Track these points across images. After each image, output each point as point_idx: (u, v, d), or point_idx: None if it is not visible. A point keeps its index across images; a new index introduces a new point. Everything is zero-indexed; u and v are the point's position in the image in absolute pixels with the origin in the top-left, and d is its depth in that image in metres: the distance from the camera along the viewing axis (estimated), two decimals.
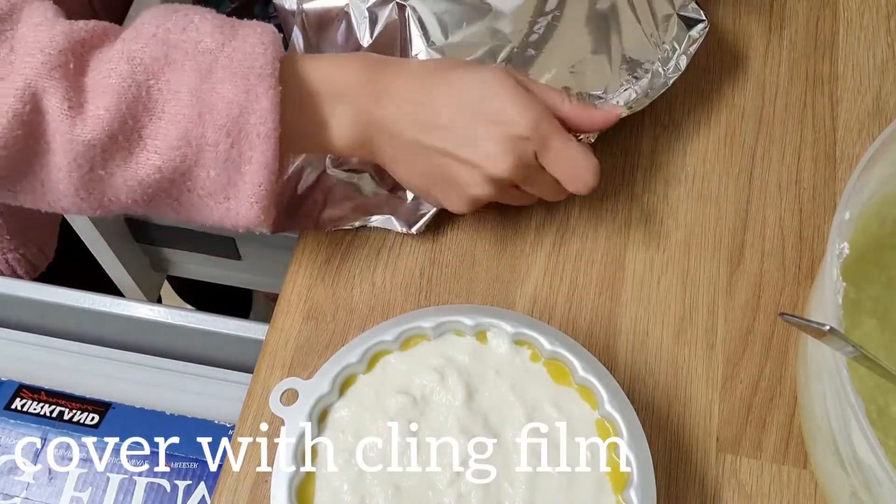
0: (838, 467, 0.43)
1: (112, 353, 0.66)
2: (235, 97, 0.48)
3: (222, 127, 0.48)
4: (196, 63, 0.48)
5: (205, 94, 0.48)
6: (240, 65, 0.48)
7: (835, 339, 0.39)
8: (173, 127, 0.48)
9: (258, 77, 0.48)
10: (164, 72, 0.48)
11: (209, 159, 0.49)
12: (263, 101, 0.48)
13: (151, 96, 0.48)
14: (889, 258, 0.52)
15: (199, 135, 0.48)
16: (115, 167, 0.49)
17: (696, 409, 0.53)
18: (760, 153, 0.61)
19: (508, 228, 0.58)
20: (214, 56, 0.48)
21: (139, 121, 0.48)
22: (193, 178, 0.49)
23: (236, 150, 0.48)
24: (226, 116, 0.48)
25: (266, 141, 0.48)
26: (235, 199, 0.50)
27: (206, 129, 0.48)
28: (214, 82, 0.48)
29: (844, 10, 0.66)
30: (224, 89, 0.48)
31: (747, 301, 0.56)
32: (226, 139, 0.48)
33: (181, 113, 0.48)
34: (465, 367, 0.49)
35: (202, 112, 0.48)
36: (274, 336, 0.55)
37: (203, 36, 0.49)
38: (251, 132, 0.48)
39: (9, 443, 0.61)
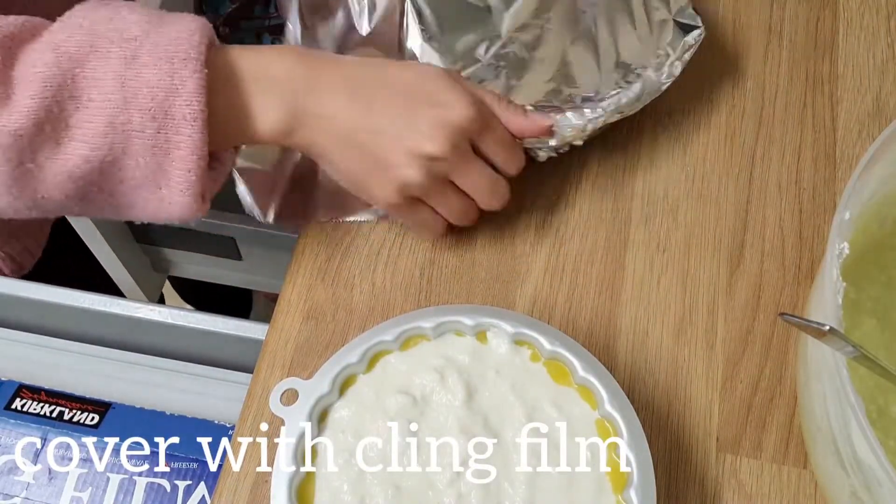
0: (838, 467, 0.43)
1: (112, 353, 0.66)
2: (160, 81, 0.47)
3: (148, 111, 0.47)
4: (121, 49, 0.48)
5: (129, 80, 0.47)
6: (164, 50, 0.48)
7: (835, 339, 0.39)
8: (99, 114, 0.47)
9: (183, 61, 0.48)
10: (89, 59, 0.47)
11: (137, 146, 0.48)
12: (189, 84, 0.47)
13: (77, 84, 0.47)
14: (889, 258, 0.52)
15: (125, 120, 0.47)
16: (45, 159, 0.48)
17: (696, 409, 0.53)
18: (760, 153, 0.61)
19: (508, 228, 0.58)
20: (140, 42, 0.48)
21: (65, 109, 0.47)
22: (123, 168, 0.49)
23: (163, 136, 0.48)
24: (151, 100, 0.47)
25: (193, 124, 0.48)
26: (167, 187, 0.49)
27: (131, 114, 0.47)
28: (139, 67, 0.47)
29: (844, 11, 0.66)
30: (149, 73, 0.47)
31: (747, 301, 0.56)
32: (152, 123, 0.48)
33: (106, 99, 0.47)
34: (465, 367, 0.49)
35: (127, 97, 0.47)
36: (274, 336, 0.55)
37: (129, 24, 0.48)
38: (177, 115, 0.48)
39: (9, 443, 0.61)
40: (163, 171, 0.49)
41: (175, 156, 0.48)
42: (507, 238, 0.58)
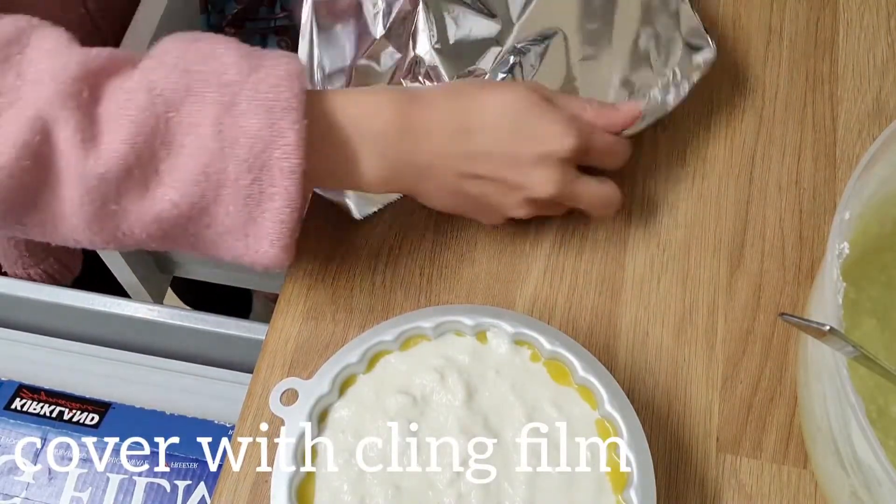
0: (838, 467, 0.43)
1: (112, 353, 0.66)
2: (259, 131, 0.46)
3: (244, 162, 0.46)
4: (219, 95, 0.46)
5: (227, 128, 0.46)
6: (264, 97, 0.46)
7: (835, 339, 0.39)
8: (192, 161, 0.46)
9: (283, 110, 0.46)
10: (184, 103, 0.46)
11: (229, 196, 0.46)
12: (289, 136, 0.46)
13: (170, 129, 0.46)
14: (889, 258, 0.52)
15: (219, 170, 0.46)
16: (130, 203, 0.46)
17: (696, 409, 0.53)
18: (760, 153, 0.61)
19: (508, 228, 0.58)
20: (238, 88, 0.46)
21: (156, 155, 0.46)
22: (212, 215, 0.47)
23: (258, 187, 0.46)
24: (248, 151, 0.46)
25: (290, 177, 0.46)
26: (255, 237, 0.48)
27: (227, 163, 0.46)
28: (237, 115, 0.46)
29: (844, 11, 0.66)
30: (247, 123, 0.46)
31: (747, 301, 0.56)
32: (247, 175, 0.46)
33: (202, 146, 0.46)
34: (465, 367, 0.49)
35: (224, 146, 0.46)
36: (274, 336, 0.55)
37: (227, 67, 0.47)
38: (274, 168, 0.46)
39: (9, 443, 0.61)
40: (252, 221, 0.47)
41: (267, 207, 0.47)
42: (507, 238, 0.58)
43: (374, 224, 0.59)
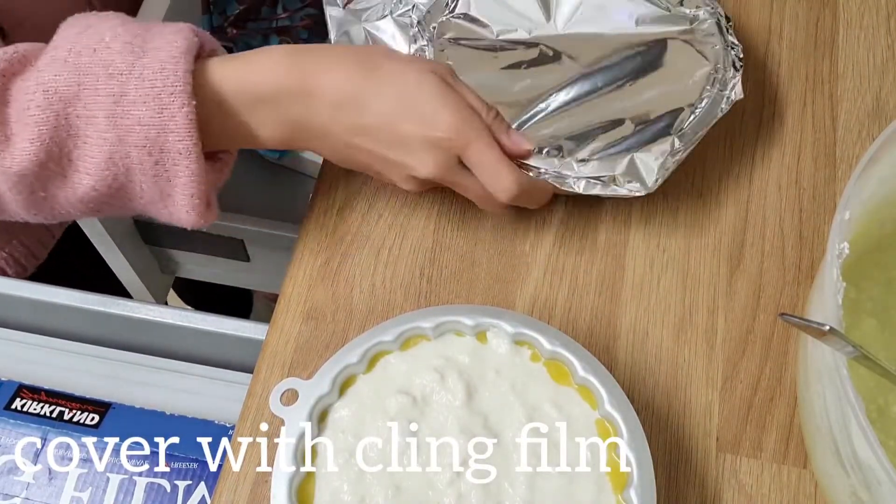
0: (838, 467, 0.43)
1: (112, 353, 0.66)
2: (150, 119, 0.48)
3: (143, 147, 0.48)
4: (108, 87, 0.48)
5: (120, 118, 0.48)
6: (151, 85, 0.48)
7: (835, 339, 0.39)
8: (97, 150, 0.48)
9: (171, 95, 0.48)
10: (79, 98, 0.48)
11: (138, 177, 0.49)
12: (179, 119, 0.48)
13: (71, 123, 0.48)
14: (889, 258, 0.52)
15: (123, 155, 0.48)
16: (55, 189, 0.50)
17: (696, 409, 0.53)
18: (760, 153, 0.61)
19: (508, 228, 0.58)
20: (125, 78, 0.48)
21: (65, 146, 0.48)
22: (129, 192, 0.50)
23: (162, 167, 0.49)
24: (144, 138, 0.48)
25: (188, 157, 0.48)
26: (173, 206, 0.51)
27: (128, 150, 0.48)
28: (128, 105, 0.48)
29: (844, 11, 0.66)
30: (138, 112, 0.48)
31: (747, 301, 0.56)
32: (149, 158, 0.48)
33: (102, 137, 0.48)
34: (465, 368, 0.49)
35: (120, 135, 0.48)
36: (274, 336, 0.55)
37: (113, 56, 0.48)
38: (171, 150, 0.48)
39: (9, 443, 0.61)
40: (167, 195, 0.50)
41: (175, 183, 0.50)
42: (507, 238, 0.58)
43: (374, 224, 0.59)
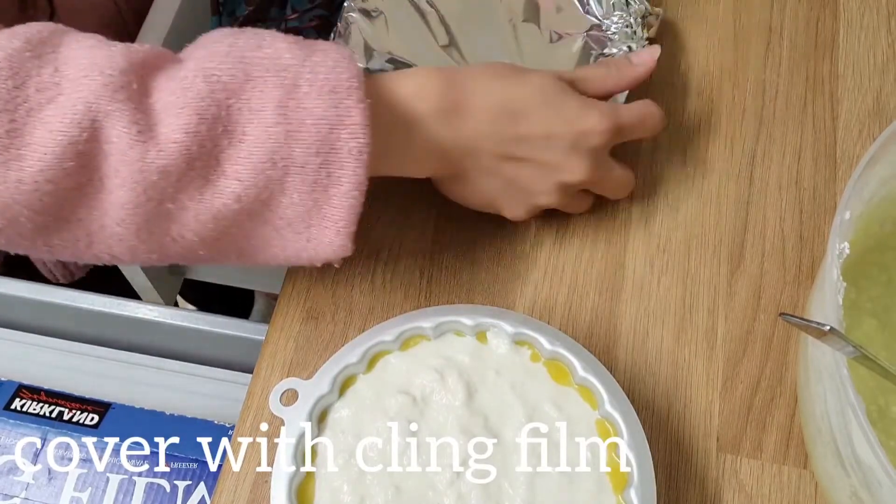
0: (839, 467, 0.43)
1: (112, 353, 0.66)
2: (325, 112, 0.44)
3: (311, 145, 0.44)
4: (279, 79, 0.44)
5: (291, 111, 0.44)
6: (325, 79, 0.44)
7: (835, 339, 0.39)
8: (257, 149, 0.43)
9: (347, 90, 0.44)
10: (244, 90, 0.44)
11: (295, 183, 0.44)
12: (355, 116, 0.44)
13: (231, 117, 0.43)
14: (889, 258, 0.52)
15: (285, 155, 0.44)
16: (188, 199, 0.44)
17: (696, 409, 0.53)
18: (760, 153, 0.61)
19: (508, 228, 0.58)
20: (297, 71, 0.44)
21: (218, 144, 0.43)
22: (274, 207, 0.45)
23: (325, 171, 0.44)
24: (315, 133, 0.44)
25: (358, 158, 0.44)
26: (318, 226, 0.46)
27: (293, 148, 0.44)
28: (300, 98, 0.44)
29: (844, 11, 0.66)
30: (312, 104, 0.44)
31: (747, 301, 0.56)
32: (315, 158, 0.44)
33: (266, 133, 0.43)
34: (465, 367, 0.49)
35: (289, 130, 0.44)
36: (274, 336, 0.55)
37: (280, 52, 0.45)
38: (342, 149, 0.44)
39: (9, 443, 0.61)
40: (318, 209, 0.45)
41: (334, 192, 0.45)
42: (507, 238, 0.58)
43: (373, 224, 0.59)
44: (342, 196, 0.45)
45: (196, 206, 0.44)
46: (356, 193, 0.45)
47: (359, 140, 0.44)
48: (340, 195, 0.45)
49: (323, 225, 0.46)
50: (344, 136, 0.44)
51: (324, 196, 0.45)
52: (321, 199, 0.45)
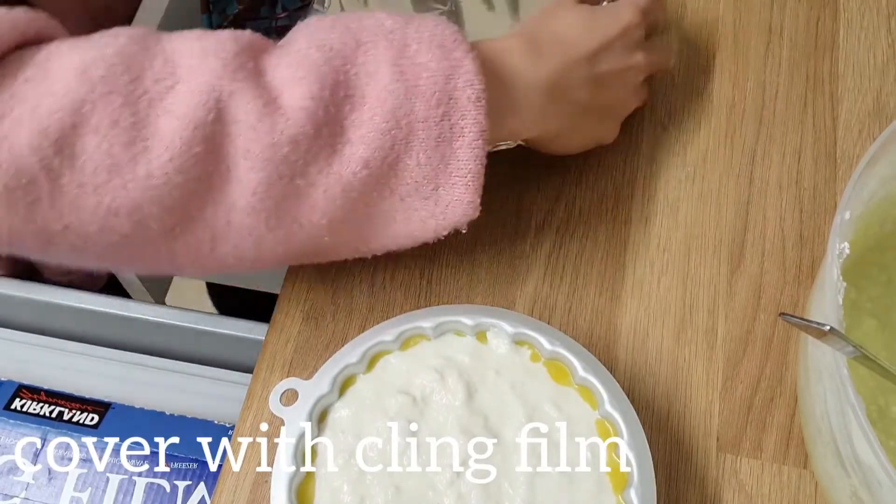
0: (839, 467, 0.43)
1: (112, 353, 0.66)
2: (438, 65, 0.45)
3: (431, 97, 0.44)
4: (387, 41, 0.45)
5: (406, 68, 0.44)
6: (431, 35, 0.45)
7: (835, 339, 0.39)
8: (379, 109, 0.44)
9: (454, 43, 0.45)
10: (357, 55, 0.44)
11: (420, 138, 0.45)
12: (467, 65, 0.45)
13: (350, 82, 0.44)
14: (889, 258, 0.52)
15: (407, 111, 0.44)
16: (317, 172, 0.44)
17: (696, 409, 0.53)
18: (760, 153, 0.61)
19: (508, 228, 0.58)
20: (403, 31, 0.45)
21: (341, 110, 0.44)
22: (400, 171, 0.45)
23: (447, 123, 0.45)
24: (433, 85, 0.44)
25: (477, 105, 0.45)
26: (446, 184, 0.46)
27: (414, 103, 0.44)
28: (412, 55, 0.45)
29: (844, 10, 0.66)
30: (424, 59, 0.45)
31: (748, 301, 0.56)
32: (436, 110, 0.44)
33: (385, 92, 0.44)
34: (465, 367, 0.49)
35: (407, 86, 0.44)
36: (274, 336, 0.55)
37: (382, 20, 0.46)
38: (461, 98, 0.45)
39: (8, 443, 0.61)
40: (444, 164, 0.45)
41: (458, 144, 0.45)
42: (507, 238, 0.58)
43: None
44: (467, 147, 0.45)
45: (325, 179, 0.44)
46: (480, 142, 0.45)
47: (475, 87, 0.45)
48: (465, 146, 0.45)
49: (450, 182, 0.46)
50: (460, 85, 0.45)
51: (449, 149, 0.45)
52: (447, 153, 0.45)
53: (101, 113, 0.40)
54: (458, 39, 0.46)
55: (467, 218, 0.47)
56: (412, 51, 0.45)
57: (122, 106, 0.41)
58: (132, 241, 0.43)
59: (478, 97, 0.45)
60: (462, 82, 0.45)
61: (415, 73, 0.44)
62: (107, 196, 0.41)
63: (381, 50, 0.45)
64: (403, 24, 0.46)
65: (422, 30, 0.46)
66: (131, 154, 0.41)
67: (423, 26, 0.46)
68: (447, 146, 0.45)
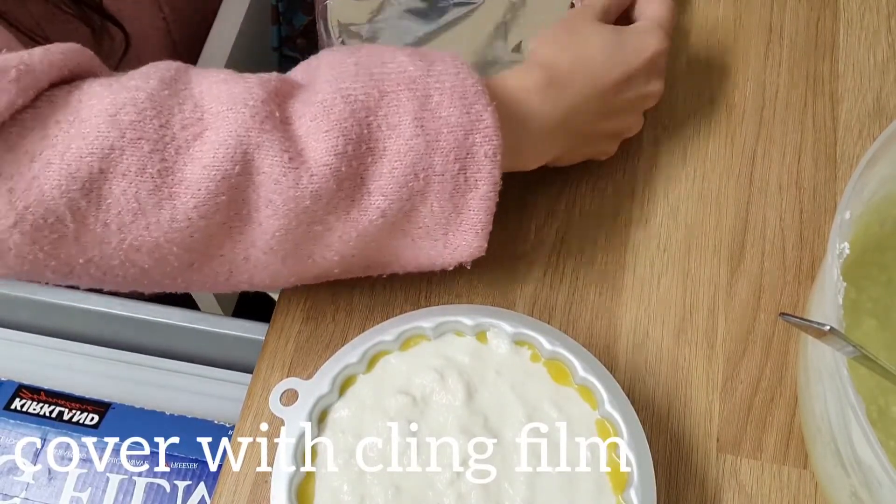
0: (838, 467, 0.43)
1: (112, 353, 0.66)
2: (458, 119, 0.45)
3: (450, 152, 0.45)
4: (410, 92, 0.45)
5: (427, 122, 0.45)
6: (453, 87, 0.45)
7: (835, 339, 0.39)
8: (399, 163, 0.44)
9: (475, 95, 0.45)
10: (380, 106, 0.44)
11: (435, 192, 0.45)
12: (486, 119, 0.45)
13: (372, 134, 0.44)
14: (889, 258, 0.52)
15: (426, 166, 0.45)
16: (336, 220, 0.45)
17: (696, 409, 0.53)
18: (760, 153, 0.61)
19: (508, 229, 0.58)
20: (425, 82, 0.45)
21: (362, 162, 0.44)
22: (414, 218, 0.46)
23: (463, 176, 0.46)
24: (452, 141, 0.45)
25: (493, 160, 0.46)
26: (455, 231, 0.47)
27: (433, 158, 0.45)
28: (434, 108, 0.45)
29: (844, 10, 0.66)
30: (446, 113, 0.45)
31: (748, 301, 0.56)
32: (454, 165, 0.45)
33: (406, 145, 0.44)
34: (465, 367, 0.49)
35: (428, 141, 0.45)
36: (274, 336, 0.55)
37: (404, 65, 0.46)
38: (478, 153, 0.45)
39: (9, 443, 0.61)
40: (456, 213, 0.47)
41: (471, 196, 0.46)
42: (508, 238, 0.58)
43: None
44: (480, 199, 0.46)
45: (343, 225, 0.45)
46: (492, 195, 0.46)
47: (493, 142, 0.45)
48: (478, 198, 0.46)
49: (461, 229, 0.47)
50: (478, 140, 0.45)
51: (462, 201, 0.46)
52: (460, 204, 0.46)
53: (130, 159, 0.41)
54: (479, 91, 0.46)
55: (473, 258, 0.49)
56: (434, 103, 0.45)
57: (151, 152, 0.41)
58: (151, 273, 0.45)
59: (494, 152, 0.46)
60: (481, 138, 0.45)
61: (435, 127, 0.45)
62: (130, 235, 0.42)
63: (404, 101, 0.45)
64: (426, 71, 0.46)
65: (443, 79, 0.46)
66: (157, 199, 0.42)
67: (445, 74, 0.46)
68: (461, 197, 0.46)
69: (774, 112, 0.63)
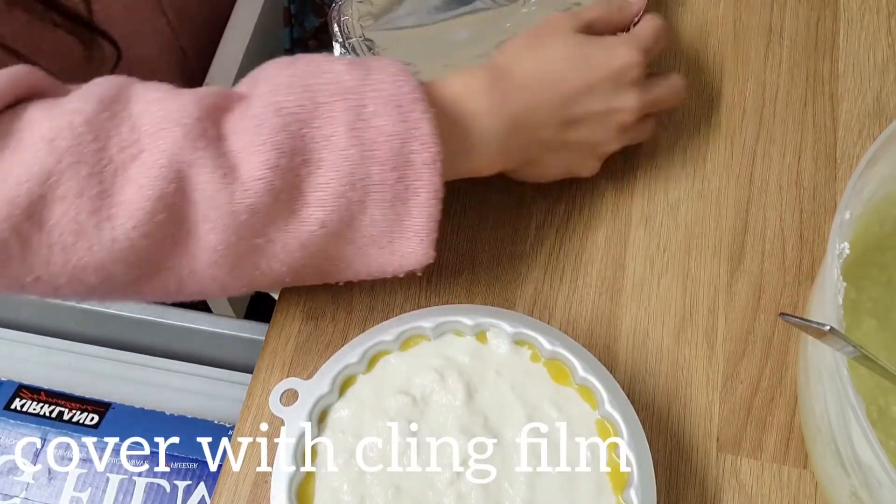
0: (838, 467, 0.43)
1: (112, 353, 0.66)
2: (394, 128, 0.45)
3: (386, 162, 0.45)
4: (345, 102, 0.45)
5: (362, 132, 0.45)
6: (389, 95, 0.45)
7: (835, 339, 0.39)
8: (335, 174, 0.44)
9: (411, 103, 0.45)
10: (315, 117, 0.45)
11: (375, 201, 0.46)
12: (423, 127, 0.45)
13: (307, 145, 0.44)
14: (889, 258, 0.52)
15: (363, 175, 0.45)
16: (276, 232, 0.45)
17: (696, 409, 0.53)
18: (760, 153, 0.61)
19: (508, 229, 0.58)
20: (360, 91, 0.45)
21: (298, 174, 0.44)
22: (357, 227, 0.46)
23: (402, 185, 0.46)
24: (388, 150, 0.45)
25: (432, 167, 0.45)
26: (401, 239, 0.47)
27: (369, 168, 0.45)
28: (369, 117, 0.45)
29: (845, 10, 0.66)
30: (381, 122, 0.45)
31: (747, 301, 0.56)
32: (391, 174, 0.45)
33: (342, 156, 0.44)
34: (465, 367, 0.49)
35: (363, 151, 0.45)
36: (274, 336, 0.55)
37: (341, 75, 0.46)
38: (416, 161, 0.45)
39: (9, 443, 0.61)
40: (399, 222, 0.47)
41: (413, 203, 0.46)
42: (507, 238, 0.58)
43: None
44: (421, 206, 0.46)
45: (283, 237, 0.45)
46: (434, 202, 0.46)
47: (430, 150, 0.45)
48: (420, 205, 0.46)
49: (405, 237, 0.47)
50: (416, 148, 0.45)
51: (404, 209, 0.46)
52: (402, 212, 0.46)
53: (68, 183, 0.42)
54: (415, 98, 0.45)
55: (423, 265, 0.48)
56: (369, 112, 0.45)
57: (89, 176, 0.42)
58: (99, 289, 0.45)
59: (433, 159, 0.45)
60: (418, 146, 0.45)
61: (371, 137, 0.45)
62: (74, 255, 0.43)
63: (338, 112, 0.45)
64: (362, 80, 0.46)
65: (379, 87, 0.45)
66: (96, 221, 0.42)
67: (381, 83, 0.46)
68: (402, 206, 0.46)
69: (774, 112, 0.63)
